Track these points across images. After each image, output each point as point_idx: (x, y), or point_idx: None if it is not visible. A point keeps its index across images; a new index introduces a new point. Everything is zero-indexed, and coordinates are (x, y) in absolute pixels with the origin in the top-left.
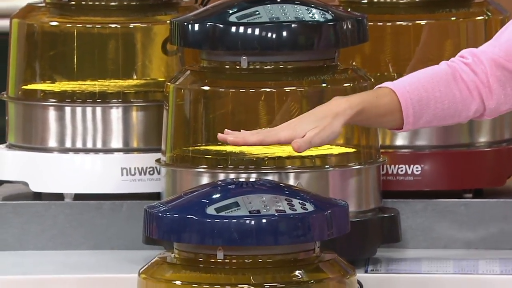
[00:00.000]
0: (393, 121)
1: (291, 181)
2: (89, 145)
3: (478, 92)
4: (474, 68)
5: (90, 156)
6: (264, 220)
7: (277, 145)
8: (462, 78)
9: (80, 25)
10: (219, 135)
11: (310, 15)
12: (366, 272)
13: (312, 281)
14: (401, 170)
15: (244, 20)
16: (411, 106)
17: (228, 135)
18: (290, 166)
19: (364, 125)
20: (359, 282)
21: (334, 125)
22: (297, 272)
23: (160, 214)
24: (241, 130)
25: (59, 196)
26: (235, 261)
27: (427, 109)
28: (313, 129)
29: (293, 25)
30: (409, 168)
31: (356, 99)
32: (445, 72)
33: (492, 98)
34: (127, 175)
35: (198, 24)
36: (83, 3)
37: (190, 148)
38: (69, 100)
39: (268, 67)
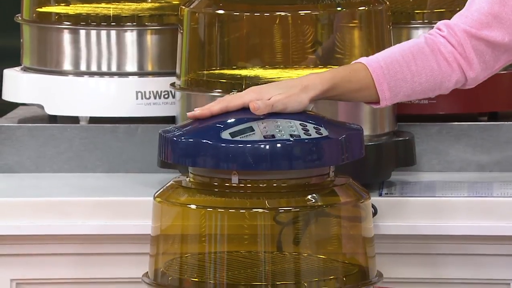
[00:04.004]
0: (369, 96)
1: None
2: (104, 68)
3: (457, 63)
4: (450, 40)
5: (105, 79)
6: (278, 145)
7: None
8: (440, 50)
9: None
10: (189, 113)
11: None
12: (380, 195)
13: (326, 205)
14: None
15: None
16: (385, 81)
17: (196, 110)
18: None
19: (340, 100)
20: (373, 206)
21: (301, 96)
22: (311, 197)
23: (175, 139)
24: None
25: (75, 119)
26: (249, 185)
27: (404, 84)
28: (279, 95)
29: None
30: None
31: (328, 75)
32: (422, 45)
33: (471, 68)
34: (142, 98)
35: None
36: None
37: (205, 72)
38: (84, 23)
39: None
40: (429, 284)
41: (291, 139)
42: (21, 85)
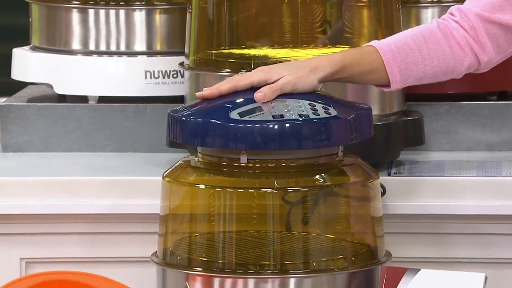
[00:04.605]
0: (379, 79)
1: None
2: (113, 48)
3: (470, 48)
4: (462, 25)
5: (114, 59)
6: (287, 125)
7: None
8: (452, 34)
9: None
10: (197, 93)
11: None
12: (389, 175)
13: (335, 185)
14: None
15: None
16: (396, 64)
17: (204, 90)
18: None
19: (349, 82)
20: (382, 186)
21: (310, 77)
22: (320, 176)
23: (184, 118)
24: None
25: (83, 99)
26: (258, 165)
27: (415, 67)
28: (288, 76)
29: None
30: None
31: (338, 56)
32: (434, 29)
33: (485, 52)
34: (150, 78)
35: None
36: None
37: (214, 51)
38: (93, 2)
39: None
40: (437, 264)
41: (299, 119)
42: (30, 64)
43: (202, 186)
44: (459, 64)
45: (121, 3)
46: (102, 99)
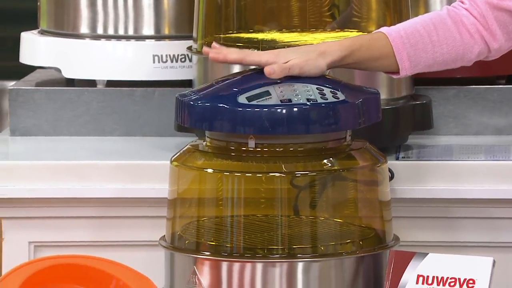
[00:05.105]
0: (388, 66)
1: None
2: (121, 32)
3: (480, 35)
4: (472, 12)
5: (122, 43)
6: (295, 109)
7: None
8: (462, 22)
9: None
10: (204, 48)
11: None
12: (397, 159)
13: (343, 169)
14: None
15: None
16: (405, 51)
17: (212, 50)
18: None
19: (358, 68)
20: (390, 170)
21: (318, 61)
22: (328, 161)
23: (192, 103)
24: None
25: (92, 83)
26: (266, 149)
27: (424, 54)
28: (296, 59)
29: None
30: None
31: (347, 41)
32: (444, 17)
33: (495, 39)
34: (158, 62)
35: None
36: None
37: (222, 35)
38: None
39: None
40: (445, 248)
41: (307, 103)
42: (39, 48)
43: (210, 170)
44: (469, 51)
45: None
46: (110, 83)
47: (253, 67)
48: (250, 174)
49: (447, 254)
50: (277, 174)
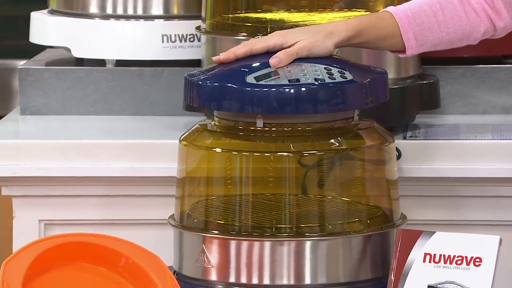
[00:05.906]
0: (394, 45)
1: None
2: (130, 11)
3: (486, 14)
4: None
5: (131, 22)
6: (303, 89)
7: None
8: (468, 1)
9: None
10: (214, 58)
11: None
12: (404, 138)
13: (351, 148)
14: None
15: None
16: (411, 30)
17: (221, 54)
18: None
19: (365, 47)
20: (397, 149)
21: (326, 42)
22: (335, 140)
23: (200, 83)
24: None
25: (101, 62)
26: (274, 129)
27: (430, 33)
28: (304, 40)
29: None
30: None
31: (354, 21)
32: None
33: (500, 18)
34: (167, 42)
35: None
36: None
37: (230, 15)
38: None
39: None
40: (452, 226)
41: (315, 83)
42: (48, 28)
43: (218, 149)
44: (475, 31)
45: None
46: (119, 63)
47: None
48: (258, 154)
49: (454, 233)
50: (285, 154)
